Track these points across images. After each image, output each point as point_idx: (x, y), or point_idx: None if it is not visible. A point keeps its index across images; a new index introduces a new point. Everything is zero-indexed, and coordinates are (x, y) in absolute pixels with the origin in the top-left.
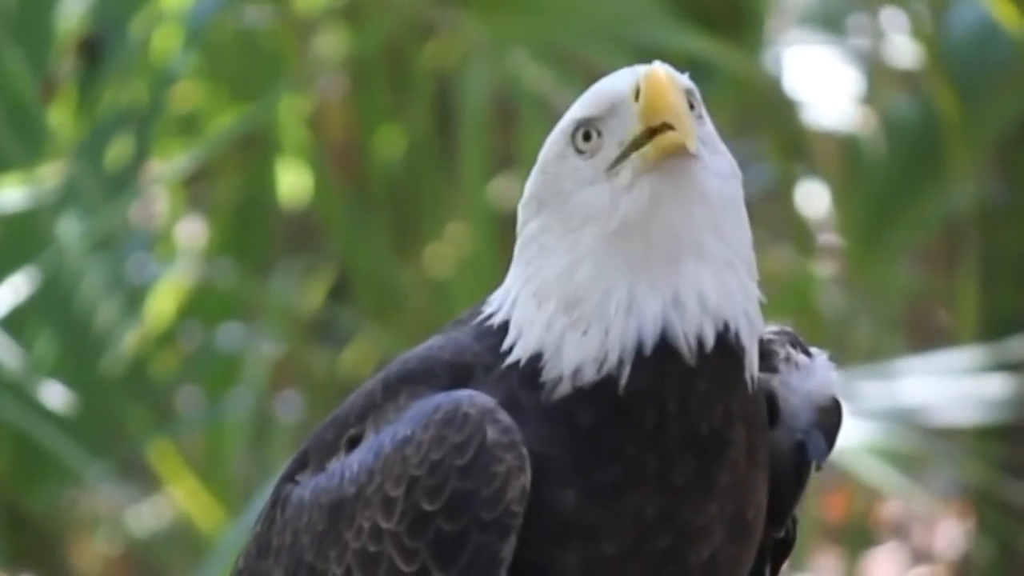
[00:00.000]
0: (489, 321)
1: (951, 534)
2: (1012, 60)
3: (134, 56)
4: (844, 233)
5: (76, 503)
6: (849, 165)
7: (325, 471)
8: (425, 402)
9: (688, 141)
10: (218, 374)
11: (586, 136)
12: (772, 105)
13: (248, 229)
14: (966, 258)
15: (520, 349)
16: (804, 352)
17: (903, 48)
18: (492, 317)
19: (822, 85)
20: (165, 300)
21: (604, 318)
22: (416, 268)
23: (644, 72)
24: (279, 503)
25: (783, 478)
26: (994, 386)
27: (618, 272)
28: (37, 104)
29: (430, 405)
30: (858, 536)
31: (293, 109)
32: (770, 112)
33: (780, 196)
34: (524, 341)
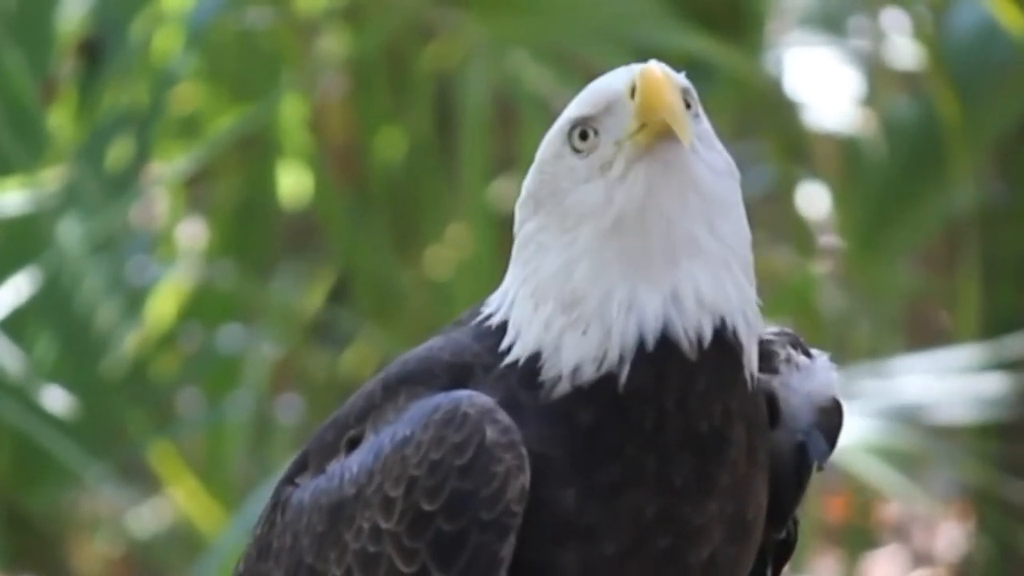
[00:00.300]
0: (488, 321)
1: (952, 536)
2: (1013, 61)
3: (134, 57)
4: (844, 234)
5: (76, 504)
6: (849, 166)
7: (325, 473)
8: (424, 402)
9: (682, 135)
10: (218, 375)
11: (582, 135)
12: (772, 106)
13: (248, 230)
14: (966, 258)
15: (519, 349)
16: (805, 353)
17: (904, 49)
18: (491, 317)
19: (822, 86)
20: (165, 301)
21: (605, 317)
22: (416, 269)
23: (640, 70)
24: (279, 506)
25: (784, 479)
26: (994, 385)
27: (616, 271)
28: (37, 105)
29: (429, 405)
30: (858, 538)
31: (293, 110)
32: (770, 113)
33: (780, 197)
34: (522, 341)
